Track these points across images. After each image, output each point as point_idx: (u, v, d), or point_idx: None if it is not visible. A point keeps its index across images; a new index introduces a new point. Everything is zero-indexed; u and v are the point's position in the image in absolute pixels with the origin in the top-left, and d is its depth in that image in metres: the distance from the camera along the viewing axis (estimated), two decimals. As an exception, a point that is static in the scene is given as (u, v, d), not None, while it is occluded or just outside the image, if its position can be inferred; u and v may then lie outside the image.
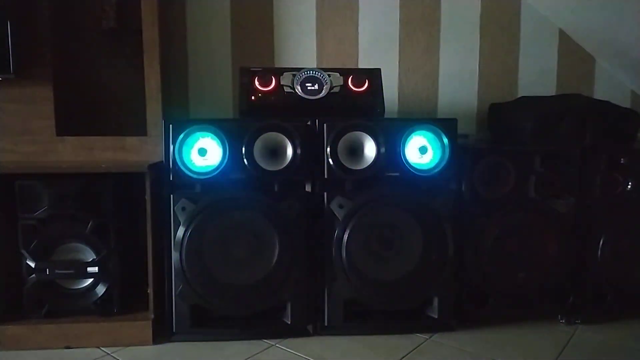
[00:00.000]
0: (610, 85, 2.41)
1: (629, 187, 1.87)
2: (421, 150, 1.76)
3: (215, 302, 1.73)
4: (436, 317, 1.82)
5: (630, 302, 1.93)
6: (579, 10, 2.21)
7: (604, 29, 2.22)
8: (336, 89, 1.86)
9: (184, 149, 1.68)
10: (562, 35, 2.38)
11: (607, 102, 2.07)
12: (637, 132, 2.00)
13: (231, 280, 1.76)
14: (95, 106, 2.05)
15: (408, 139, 1.75)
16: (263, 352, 1.68)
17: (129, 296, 1.81)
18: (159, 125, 1.78)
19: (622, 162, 1.87)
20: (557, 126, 1.92)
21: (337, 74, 1.87)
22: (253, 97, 1.83)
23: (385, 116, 1.92)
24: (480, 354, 1.69)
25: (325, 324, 1.78)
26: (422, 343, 1.76)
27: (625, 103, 2.39)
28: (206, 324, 1.76)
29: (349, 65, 2.27)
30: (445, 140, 1.76)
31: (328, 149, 1.71)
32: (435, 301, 1.82)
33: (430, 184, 1.78)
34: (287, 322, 1.78)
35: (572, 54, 2.39)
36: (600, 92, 2.39)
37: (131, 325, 1.72)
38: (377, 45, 2.29)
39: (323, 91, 1.84)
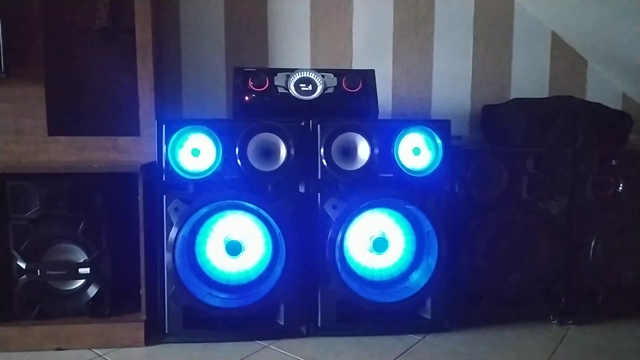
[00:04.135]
0: (602, 88, 2.43)
1: (620, 188, 1.89)
2: (415, 152, 1.76)
3: (207, 303, 1.72)
4: (429, 317, 1.83)
5: (622, 302, 1.95)
6: (571, 12, 2.23)
7: (596, 32, 2.24)
8: (330, 90, 1.86)
9: (177, 149, 1.68)
10: (555, 38, 2.39)
11: (598, 104, 2.08)
12: (628, 133, 2.01)
13: (224, 281, 1.76)
14: (87, 106, 2.04)
15: (401, 140, 1.75)
16: (256, 354, 1.68)
17: (121, 297, 1.79)
18: (151, 125, 1.77)
19: (613, 163, 1.88)
20: (550, 128, 1.94)
21: (331, 75, 1.88)
22: (247, 98, 1.82)
23: (379, 117, 1.92)
24: (473, 354, 1.69)
25: (319, 325, 1.78)
26: (415, 344, 1.76)
27: (617, 105, 2.41)
28: (199, 325, 1.75)
29: (343, 66, 2.27)
30: (439, 141, 1.76)
31: (322, 150, 1.71)
32: (429, 302, 1.82)
33: (424, 185, 1.78)
34: (281, 323, 1.77)
35: (565, 56, 2.40)
36: (592, 94, 2.41)
37: (123, 327, 1.71)
38: (371, 47, 2.30)
39: (317, 92, 1.84)
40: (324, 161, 1.71)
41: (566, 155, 1.87)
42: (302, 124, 1.75)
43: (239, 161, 1.68)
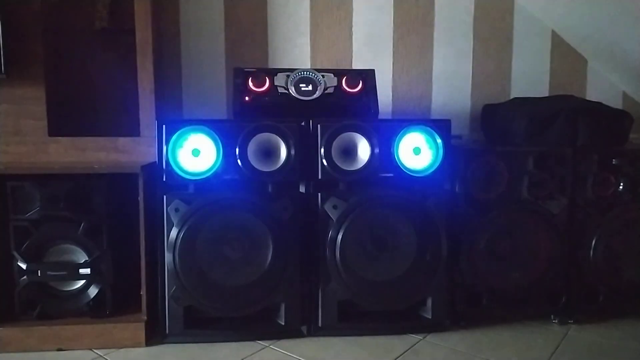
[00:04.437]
0: (602, 87, 2.43)
1: (621, 187, 1.88)
2: (415, 151, 1.76)
3: (208, 304, 1.72)
4: (430, 317, 1.83)
5: (623, 301, 1.94)
6: (571, 12, 2.23)
7: (596, 31, 2.24)
8: (330, 90, 1.86)
9: (177, 149, 1.68)
10: (555, 37, 2.39)
11: (599, 103, 2.08)
12: (628, 132, 2.01)
13: (225, 282, 1.76)
14: (87, 106, 2.04)
15: (402, 139, 1.75)
16: (257, 354, 1.68)
17: (121, 298, 1.79)
18: (152, 126, 1.77)
19: (614, 162, 1.88)
20: (550, 127, 1.93)
21: (331, 75, 1.88)
22: (247, 98, 1.82)
23: (379, 117, 1.92)
24: (474, 354, 1.69)
25: (320, 325, 1.78)
26: (416, 343, 1.76)
27: (617, 104, 2.41)
28: (199, 325, 1.75)
29: (343, 66, 2.27)
30: (439, 141, 1.76)
31: (322, 150, 1.71)
32: (429, 301, 1.82)
33: (424, 185, 1.78)
34: (281, 323, 1.77)
35: (565, 55, 2.40)
36: (593, 93, 2.41)
37: (124, 327, 1.71)
38: (371, 46, 2.30)
39: (317, 92, 1.84)
40: (324, 161, 1.71)
41: (566, 154, 1.87)
42: (302, 124, 1.75)
43: (239, 161, 1.68)
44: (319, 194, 1.74)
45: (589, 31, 2.27)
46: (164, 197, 1.68)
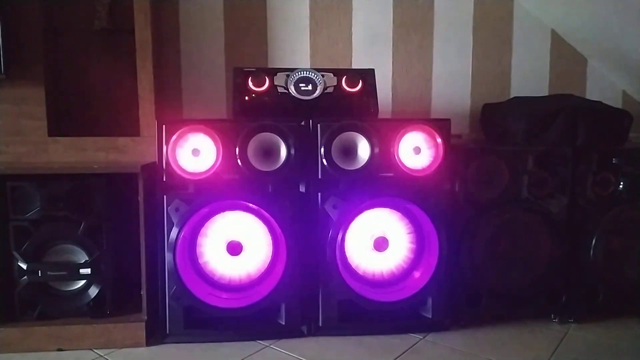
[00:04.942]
0: (602, 86, 2.43)
1: (621, 186, 1.89)
2: (415, 151, 1.76)
3: (208, 304, 1.72)
4: (430, 316, 1.83)
5: (623, 301, 1.94)
6: (571, 11, 2.23)
7: (596, 30, 2.24)
8: (330, 90, 1.86)
9: (177, 149, 1.67)
10: (554, 36, 2.39)
11: (599, 102, 2.08)
12: (628, 131, 2.01)
13: (225, 282, 1.77)
14: (87, 107, 2.04)
15: (402, 139, 1.75)
16: (257, 353, 1.68)
17: (121, 298, 1.80)
18: (152, 126, 1.77)
19: (613, 161, 1.88)
20: (550, 126, 1.93)
21: (331, 75, 1.87)
22: (247, 98, 1.82)
23: (379, 116, 1.92)
24: (474, 353, 1.69)
25: (320, 325, 1.78)
26: (416, 343, 1.76)
27: (617, 103, 2.41)
28: (200, 325, 1.75)
29: (343, 65, 2.27)
30: (439, 140, 1.76)
31: (322, 150, 1.71)
32: (429, 301, 1.82)
33: (424, 184, 1.78)
34: (282, 322, 1.78)
35: (564, 54, 2.40)
36: (592, 92, 2.41)
37: (124, 327, 1.71)
38: (371, 46, 2.30)
39: (317, 91, 1.84)
40: (324, 161, 1.71)
41: (566, 153, 1.87)
42: (302, 123, 1.75)
43: (239, 161, 1.68)
44: (319, 194, 1.74)
45: (588, 30, 2.27)
46: (164, 197, 1.68)
